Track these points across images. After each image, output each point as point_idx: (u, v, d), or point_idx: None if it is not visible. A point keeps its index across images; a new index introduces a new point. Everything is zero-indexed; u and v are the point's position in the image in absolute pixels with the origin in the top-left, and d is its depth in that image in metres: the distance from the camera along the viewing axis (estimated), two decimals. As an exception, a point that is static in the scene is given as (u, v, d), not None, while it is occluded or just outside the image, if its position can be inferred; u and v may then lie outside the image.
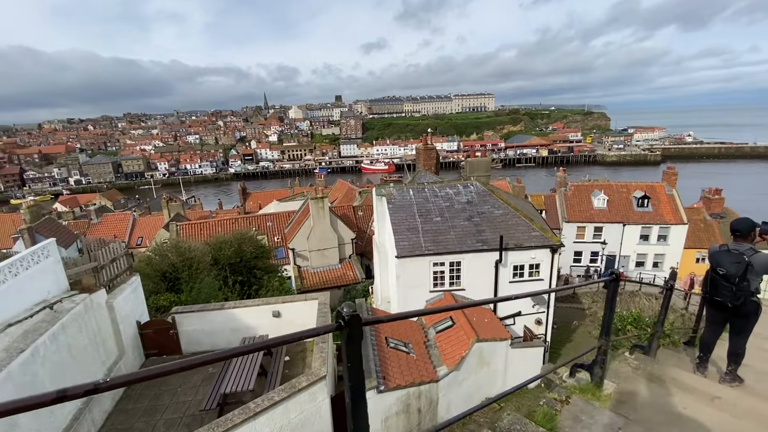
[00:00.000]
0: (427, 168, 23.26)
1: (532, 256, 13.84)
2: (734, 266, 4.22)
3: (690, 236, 31.52)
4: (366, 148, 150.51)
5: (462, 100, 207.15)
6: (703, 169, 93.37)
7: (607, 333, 3.47)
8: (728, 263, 4.27)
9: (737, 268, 4.19)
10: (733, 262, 4.24)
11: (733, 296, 4.22)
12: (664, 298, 3.49)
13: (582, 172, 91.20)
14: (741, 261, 4.17)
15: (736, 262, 4.21)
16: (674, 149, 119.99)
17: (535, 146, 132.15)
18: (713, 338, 4.60)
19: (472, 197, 14.99)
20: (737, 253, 4.25)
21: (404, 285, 13.22)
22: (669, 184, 32.92)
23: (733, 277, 4.22)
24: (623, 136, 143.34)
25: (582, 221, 33.52)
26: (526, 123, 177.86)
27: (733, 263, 4.24)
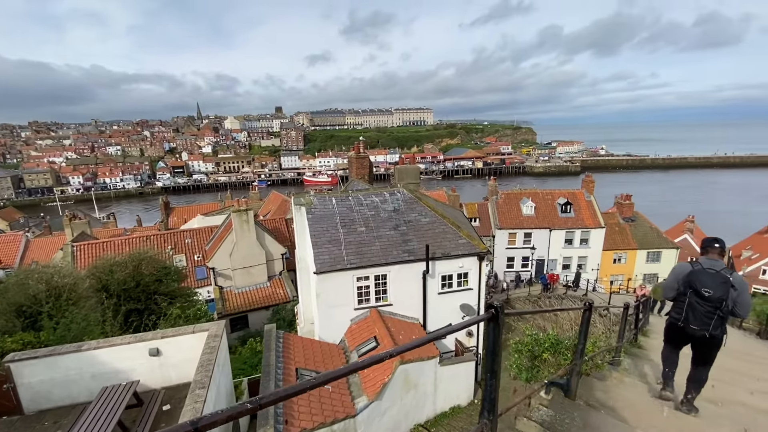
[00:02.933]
0: (360, 177, 22.39)
1: (460, 264, 13.37)
2: (721, 287, 3.68)
3: (607, 239, 33.95)
4: (308, 159, 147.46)
5: (403, 114, 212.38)
6: (614, 178, 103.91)
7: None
8: (714, 284, 3.70)
9: (723, 289, 3.66)
10: (719, 283, 3.69)
11: (714, 324, 3.68)
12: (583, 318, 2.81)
13: (513, 182, 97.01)
14: (726, 281, 3.68)
15: (722, 282, 3.69)
16: (591, 161, 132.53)
17: (471, 158, 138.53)
18: (675, 357, 4.09)
19: (399, 205, 14.27)
20: (717, 273, 3.74)
21: (325, 304, 11.99)
22: (587, 191, 35.38)
23: (720, 301, 3.67)
24: (548, 149, 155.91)
25: (513, 228, 34.72)
26: (463, 137, 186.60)
27: (719, 284, 3.69)
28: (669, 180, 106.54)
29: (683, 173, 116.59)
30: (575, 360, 2.97)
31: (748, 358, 7.74)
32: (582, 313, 2.82)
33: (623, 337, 4.54)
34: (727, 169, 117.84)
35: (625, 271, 35.20)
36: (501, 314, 1.86)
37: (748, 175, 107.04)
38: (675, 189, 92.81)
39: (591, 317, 2.76)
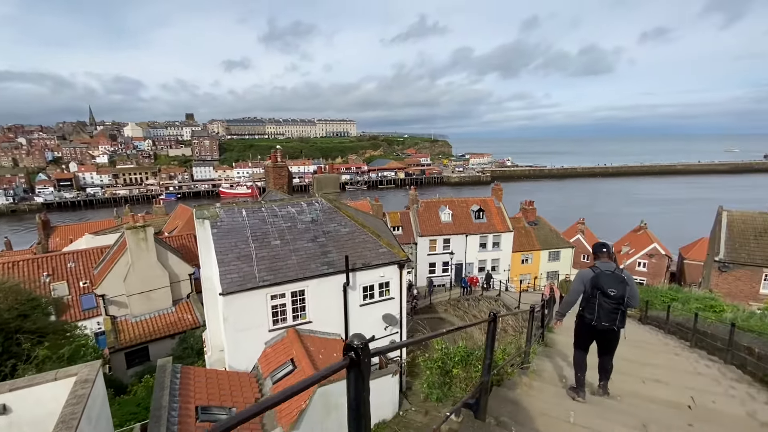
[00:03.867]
0: (278, 187, 21.23)
1: (381, 274, 13.15)
2: (620, 286, 4.20)
3: (515, 241, 36.97)
4: (225, 170, 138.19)
5: (326, 124, 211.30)
6: (519, 186, 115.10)
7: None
8: (615, 283, 4.20)
9: (622, 287, 4.19)
10: (619, 282, 4.21)
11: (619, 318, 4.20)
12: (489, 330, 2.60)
13: (433, 192, 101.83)
14: (623, 280, 4.20)
15: (620, 281, 4.21)
16: (499, 171, 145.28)
17: (393, 169, 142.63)
18: (584, 357, 4.48)
19: (317, 215, 13.64)
20: (614, 273, 4.24)
21: (234, 328, 10.81)
22: (497, 198, 38.29)
23: (622, 298, 4.19)
24: (462, 160, 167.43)
25: (433, 234, 36.04)
26: (385, 148, 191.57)
27: (618, 283, 4.20)
28: (563, 188, 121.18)
29: (574, 181, 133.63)
30: (483, 377, 2.77)
31: (636, 344, 8.62)
32: (488, 325, 2.62)
33: (531, 340, 4.60)
34: (607, 178, 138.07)
35: (532, 270, 38.63)
36: (364, 358, 1.47)
37: (622, 183, 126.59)
38: (568, 195, 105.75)
39: (496, 329, 2.57)
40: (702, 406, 4.31)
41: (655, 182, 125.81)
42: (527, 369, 4.70)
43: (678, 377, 5.59)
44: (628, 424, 3.32)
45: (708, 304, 14.94)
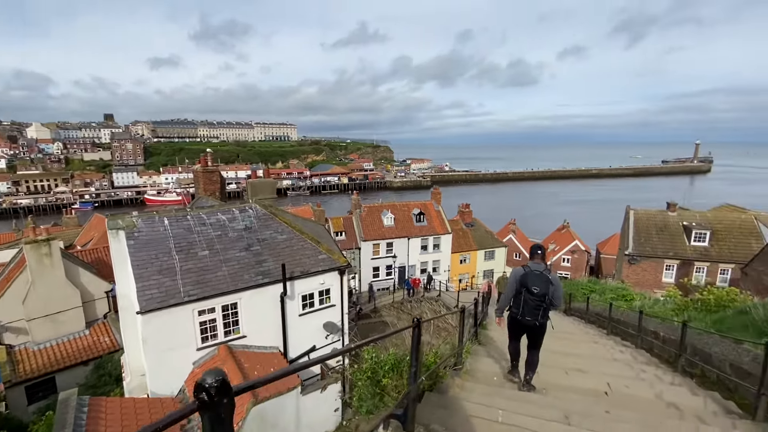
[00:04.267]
0: (210, 193, 19.89)
1: (321, 281, 12.77)
2: (544, 285, 4.59)
3: (454, 243, 38.41)
4: (151, 176, 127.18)
5: (264, 128, 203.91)
6: (457, 190, 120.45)
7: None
8: (540, 282, 4.60)
9: (546, 286, 4.59)
10: (543, 281, 4.60)
11: (541, 314, 4.61)
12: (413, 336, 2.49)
13: (376, 196, 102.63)
14: (547, 280, 4.60)
15: (545, 281, 4.60)
16: (438, 176, 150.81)
17: (337, 174, 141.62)
18: (518, 347, 5.00)
19: (251, 222, 12.89)
20: (541, 273, 4.64)
21: (156, 349, 9.77)
22: (436, 201, 39.53)
23: (544, 296, 4.58)
24: (404, 165, 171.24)
25: (376, 239, 36.19)
26: (328, 153, 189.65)
27: (543, 282, 4.60)
28: (496, 191, 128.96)
29: (506, 185, 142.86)
30: (410, 386, 2.66)
31: (561, 335, 9.21)
32: (412, 330, 2.52)
33: (463, 340, 4.64)
34: (535, 181, 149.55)
35: (470, 269, 40.36)
36: (220, 399, 1.25)
37: (548, 186, 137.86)
38: (501, 198, 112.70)
39: (421, 335, 2.48)
40: (617, 391, 4.64)
41: (575, 185, 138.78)
42: (460, 370, 4.74)
43: (597, 365, 6.02)
44: (552, 417, 3.43)
45: (620, 294, 16.58)
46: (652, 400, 4.41)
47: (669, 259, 29.08)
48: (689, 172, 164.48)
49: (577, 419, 3.47)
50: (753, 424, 3.71)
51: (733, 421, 3.77)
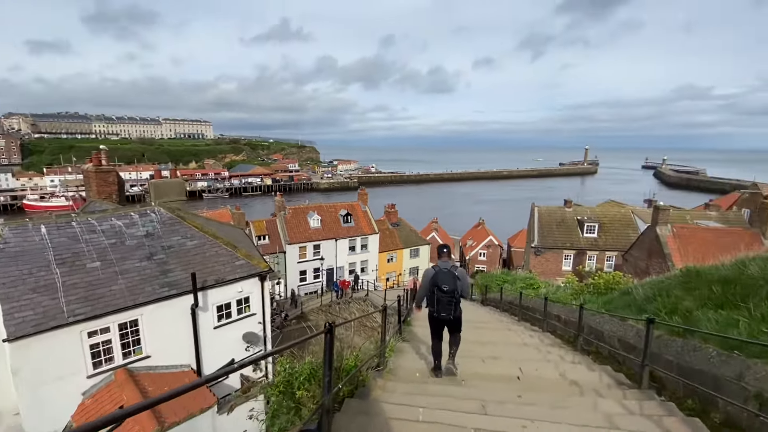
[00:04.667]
0: (105, 196, 17.46)
1: (239, 289, 11.89)
2: (452, 281, 4.93)
3: (381, 242, 38.97)
4: (31, 178, 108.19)
5: (175, 125, 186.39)
6: (383, 191, 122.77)
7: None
8: (448, 280, 4.92)
9: (454, 282, 4.93)
10: (450, 278, 4.93)
11: (454, 308, 4.97)
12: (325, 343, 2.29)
13: (303, 198, 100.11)
14: (454, 276, 4.94)
15: (452, 278, 4.94)
16: (365, 177, 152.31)
17: (259, 175, 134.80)
18: (440, 345, 5.23)
19: (154, 228, 11.51)
20: (449, 271, 4.96)
21: (32, 382, 8.17)
22: (363, 202, 39.72)
23: (454, 291, 4.93)
24: (331, 167, 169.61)
25: (302, 241, 35.15)
26: (248, 153, 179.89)
27: (451, 279, 4.93)
28: (420, 191, 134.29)
29: (428, 186, 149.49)
30: (323, 397, 2.47)
31: (478, 325, 9.72)
32: (324, 336, 2.33)
33: (385, 339, 4.57)
34: (454, 182, 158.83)
35: (396, 268, 41.29)
36: None
37: (466, 186, 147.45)
38: (424, 198, 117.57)
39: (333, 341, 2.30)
40: (528, 374, 4.97)
41: (489, 185, 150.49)
42: (383, 370, 4.67)
43: (510, 351, 6.42)
44: (471, 408, 3.50)
45: (529, 283, 18.21)
46: (557, 379, 4.79)
47: (567, 249, 32.85)
48: (581, 173, 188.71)
49: (493, 407, 3.58)
50: (639, 392, 4.22)
51: (623, 392, 4.25)
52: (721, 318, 4.67)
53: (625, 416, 3.51)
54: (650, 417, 3.51)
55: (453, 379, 4.70)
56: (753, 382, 3.48)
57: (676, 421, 3.42)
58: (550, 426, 3.20)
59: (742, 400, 3.60)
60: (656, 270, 23.05)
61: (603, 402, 3.84)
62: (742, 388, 3.58)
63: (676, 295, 6.35)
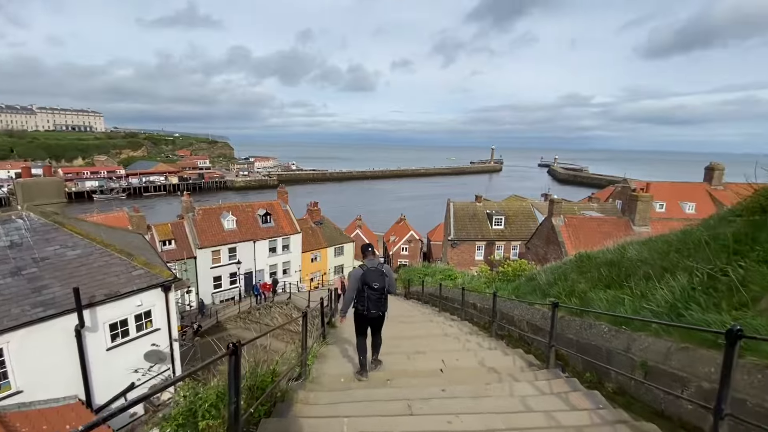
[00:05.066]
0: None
1: (138, 302, 10.45)
2: (381, 279, 5.06)
3: (304, 242, 37.87)
4: None
5: (54, 115, 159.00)
6: (305, 189, 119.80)
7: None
8: (377, 277, 5.05)
9: (383, 279, 5.07)
10: (379, 276, 5.06)
11: (383, 305, 5.12)
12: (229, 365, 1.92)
13: (216, 198, 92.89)
14: (382, 274, 5.08)
15: (380, 275, 5.07)
16: (285, 175, 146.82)
17: (163, 173, 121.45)
18: (365, 345, 5.24)
19: (21, 237, 9.53)
20: (376, 269, 5.08)
21: None
22: (283, 201, 38.14)
23: (383, 289, 5.07)
24: (247, 164, 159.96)
25: (215, 245, 32.52)
26: (149, 148, 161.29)
27: (380, 276, 5.06)
28: (343, 189, 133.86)
29: (351, 183, 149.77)
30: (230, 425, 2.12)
31: (402, 319, 9.86)
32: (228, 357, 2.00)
33: (306, 348, 4.29)
34: (376, 180, 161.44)
35: (321, 267, 40.54)
36: None
37: (387, 183, 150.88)
38: (347, 196, 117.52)
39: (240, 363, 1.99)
40: (450, 365, 5.11)
41: (409, 182, 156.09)
42: (305, 380, 4.37)
43: (433, 343, 6.57)
44: (397, 410, 3.42)
45: (447, 275, 19.18)
46: (476, 368, 4.99)
47: (479, 241, 35.45)
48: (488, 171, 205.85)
49: (418, 406, 3.55)
50: (548, 371, 4.57)
51: (534, 373, 4.58)
52: (610, 297, 5.29)
53: (538, 397, 3.75)
54: (558, 395, 3.79)
55: (378, 380, 4.60)
56: (638, 352, 3.96)
57: (578, 395, 3.74)
58: (473, 418, 3.26)
59: (629, 370, 4.08)
60: (553, 256, 26.02)
61: (518, 386, 4.07)
62: (630, 359, 4.06)
63: (572, 279, 7.09)
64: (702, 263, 4.41)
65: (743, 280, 3.68)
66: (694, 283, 4.23)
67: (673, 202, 41.14)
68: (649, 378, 3.75)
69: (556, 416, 3.22)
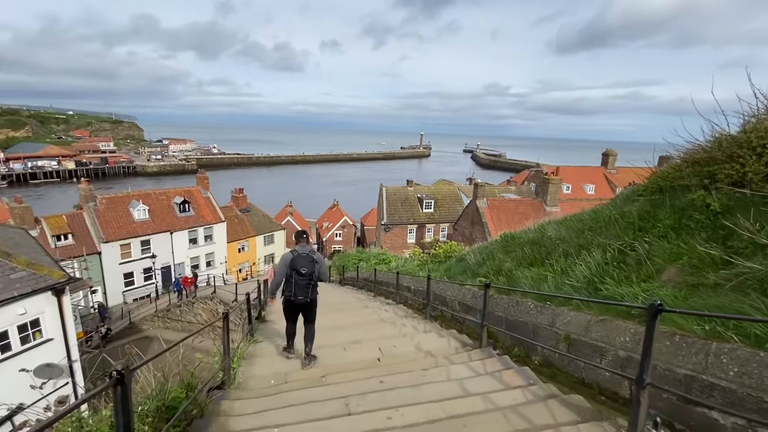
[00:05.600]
0: None
1: (21, 311, 8.81)
2: (310, 265, 5.09)
3: (229, 231, 35.50)
4: None
5: None
6: (228, 174, 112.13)
7: None
8: (306, 263, 5.08)
9: (312, 266, 5.10)
10: (309, 262, 5.09)
11: (311, 291, 5.12)
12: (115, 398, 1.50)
13: (124, 185, 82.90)
14: (312, 260, 5.12)
15: (310, 261, 5.10)
16: (206, 159, 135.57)
17: (54, 157, 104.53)
18: (294, 328, 5.37)
19: None
20: (307, 255, 5.12)
21: None
22: (204, 187, 35.16)
23: (312, 274, 5.10)
24: (160, 146, 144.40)
25: (124, 238, 28.99)
26: (35, 128, 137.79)
27: (309, 263, 5.09)
28: (271, 174, 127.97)
29: (280, 168, 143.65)
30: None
31: (337, 307, 9.63)
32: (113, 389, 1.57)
33: (229, 352, 3.82)
34: (307, 165, 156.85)
35: (250, 257, 38.51)
36: None
37: (319, 168, 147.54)
38: (276, 181, 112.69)
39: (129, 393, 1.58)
40: (388, 353, 5.01)
41: (341, 167, 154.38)
42: (230, 387, 3.91)
43: (369, 331, 6.45)
44: (333, 411, 3.21)
45: (381, 259, 19.32)
46: (413, 353, 4.97)
47: (410, 224, 36.40)
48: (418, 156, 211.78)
49: (356, 403, 3.37)
50: (481, 351, 4.69)
51: (468, 353, 4.67)
52: (534, 275, 5.58)
53: (474, 379, 3.80)
54: (492, 374, 3.89)
55: (313, 378, 4.31)
56: (562, 326, 4.20)
57: (511, 373, 3.87)
58: (413, 410, 3.17)
59: (554, 343, 4.31)
60: (478, 237, 27.67)
61: (454, 369, 4.10)
62: (555, 333, 4.30)
63: (499, 258, 7.42)
64: (613, 240, 4.80)
65: (648, 254, 4.05)
66: (607, 258, 4.59)
67: (577, 184, 46.14)
68: (572, 350, 4.00)
69: (492, 398, 3.26)
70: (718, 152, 3.96)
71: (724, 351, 2.64)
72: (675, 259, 3.75)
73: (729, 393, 2.53)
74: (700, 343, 2.81)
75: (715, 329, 2.80)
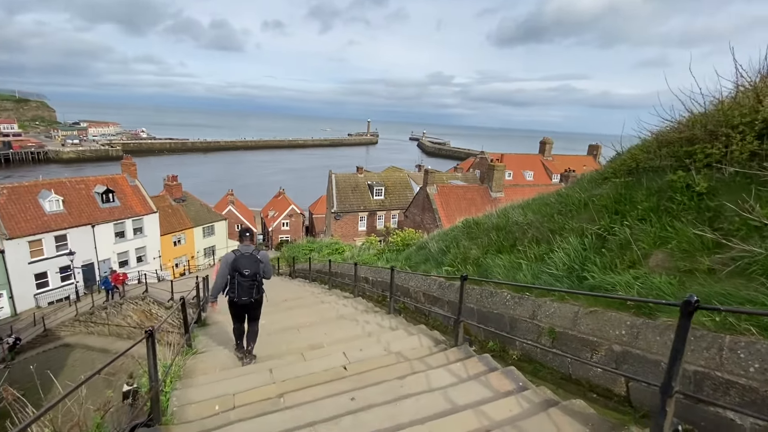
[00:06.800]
0: None
1: None
2: (254, 265, 4.93)
3: (163, 223, 32.42)
4: None
5: None
6: (160, 161, 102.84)
7: None
8: (250, 264, 4.90)
9: (256, 266, 4.94)
10: (252, 262, 4.92)
11: (255, 291, 4.97)
12: None
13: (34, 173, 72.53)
14: (256, 260, 4.95)
15: (254, 261, 4.94)
16: (133, 144, 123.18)
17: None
18: (241, 326, 5.18)
19: None
20: (250, 255, 4.94)
21: None
22: (130, 175, 31.59)
23: (255, 275, 4.94)
24: (77, 130, 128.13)
25: (33, 233, 25.20)
26: None
27: (253, 263, 4.92)
28: (209, 161, 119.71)
29: (218, 155, 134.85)
30: None
31: (289, 304, 8.84)
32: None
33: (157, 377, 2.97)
34: (249, 151, 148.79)
35: (187, 251, 35.63)
36: None
37: (262, 155, 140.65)
38: (214, 168, 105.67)
39: None
40: (354, 359, 4.41)
41: (286, 153, 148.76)
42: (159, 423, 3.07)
43: (330, 331, 5.81)
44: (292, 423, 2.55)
45: (334, 248, 18.56)
46: (383, 356, 4.44)
47: (361, 212, 35.83)
48: (366, 143, 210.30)
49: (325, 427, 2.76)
50: (458, 350, 4.29)
51: (445, 354, 4.25)
52: (506, 263, 5.28)
53: (458, 386, 3.36)
54: (477, 378, 3.48)
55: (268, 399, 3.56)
56: (544, 319, 3.90)
57: (497, 375, 3.48)
58: (397, 436, 2.63)
59: (536, 337, 4.00)
60: (429, 223, 27.84)
61: (434, 375, 3.63)
62: (537, 326, 3.99)
63: (464, 245, 7.10)
64: (588, 224, 4.59)
65: (631, 239, 3.84)
66: (585, 244, 4.36)
67: (518, 171, 48.40)
68: (557, 344, 3.71)
69: (485, 411, 2.84)
70: (699, 131, 3.81)
71: (741, 345, 2.40)
72: (661, 243, 3.56)
73: (750, 391, 2.29)
74: (711, 337, 2.57)
75: (726, 321, 2.56)
